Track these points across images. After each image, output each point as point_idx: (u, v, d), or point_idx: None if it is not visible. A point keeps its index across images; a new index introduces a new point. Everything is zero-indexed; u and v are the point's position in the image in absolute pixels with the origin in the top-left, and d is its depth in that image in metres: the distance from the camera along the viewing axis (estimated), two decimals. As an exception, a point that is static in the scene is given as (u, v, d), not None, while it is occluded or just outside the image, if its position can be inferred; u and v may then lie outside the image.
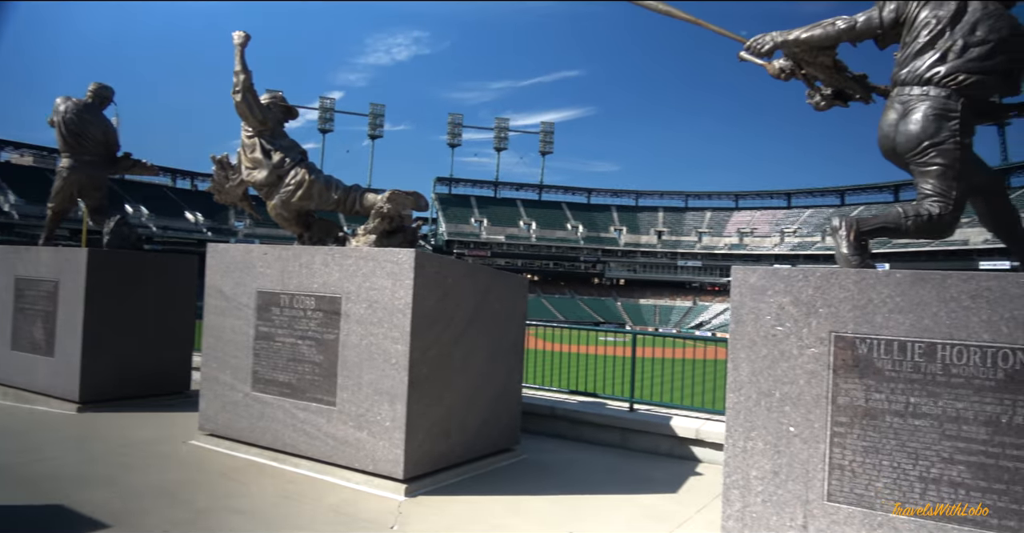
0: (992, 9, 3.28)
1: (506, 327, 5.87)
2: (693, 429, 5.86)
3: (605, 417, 6.42)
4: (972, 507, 3.00)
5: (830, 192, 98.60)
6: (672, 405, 6.66)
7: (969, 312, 3.03)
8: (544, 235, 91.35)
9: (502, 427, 5.83)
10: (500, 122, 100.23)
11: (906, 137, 3.35)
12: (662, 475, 5.38)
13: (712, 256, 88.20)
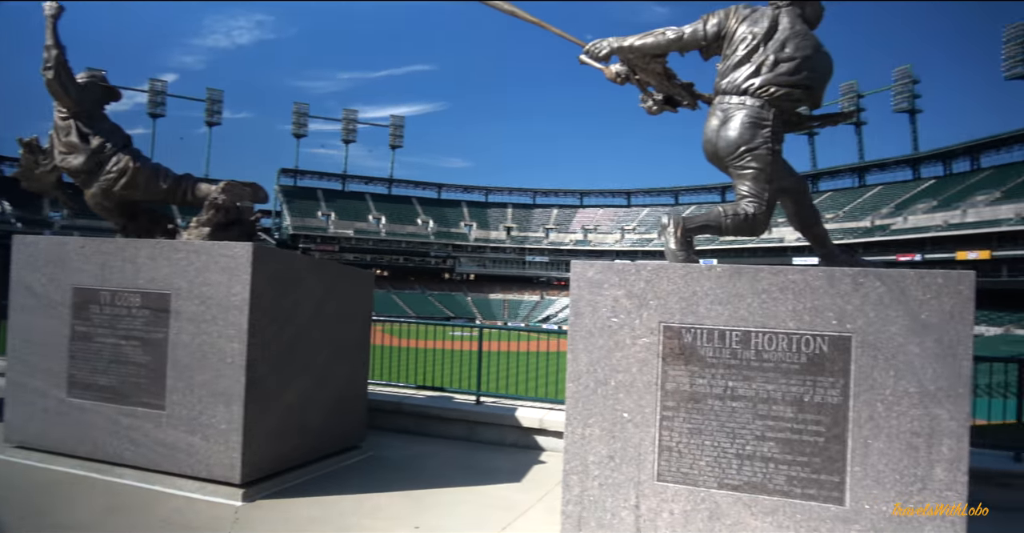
0: (799, 29, 3.63)
1: (351, 323, 5.77)
2: (537, 419, 6.05)
3: (452, 411, 6.48)
4: (778, 478, 3.32)
5: (666, 192, 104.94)
6: (518, 397, 6.83)
7: (778, 302, 3.35)
8: (394, 230, 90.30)
9: (348, 425, 5.72)
10: (348, 114, 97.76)
11: (726, 142, 3.64)
12: (507, 465, 5.51)
13: (559, 252, 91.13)
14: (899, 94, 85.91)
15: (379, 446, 5.95)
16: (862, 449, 3.22)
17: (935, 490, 3.13)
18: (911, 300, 3.17)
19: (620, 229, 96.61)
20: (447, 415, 6.46)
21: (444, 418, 6.47)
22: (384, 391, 7.05)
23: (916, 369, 3.16)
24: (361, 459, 5.60)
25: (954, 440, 3.12)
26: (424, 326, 8.55)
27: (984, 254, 60.61)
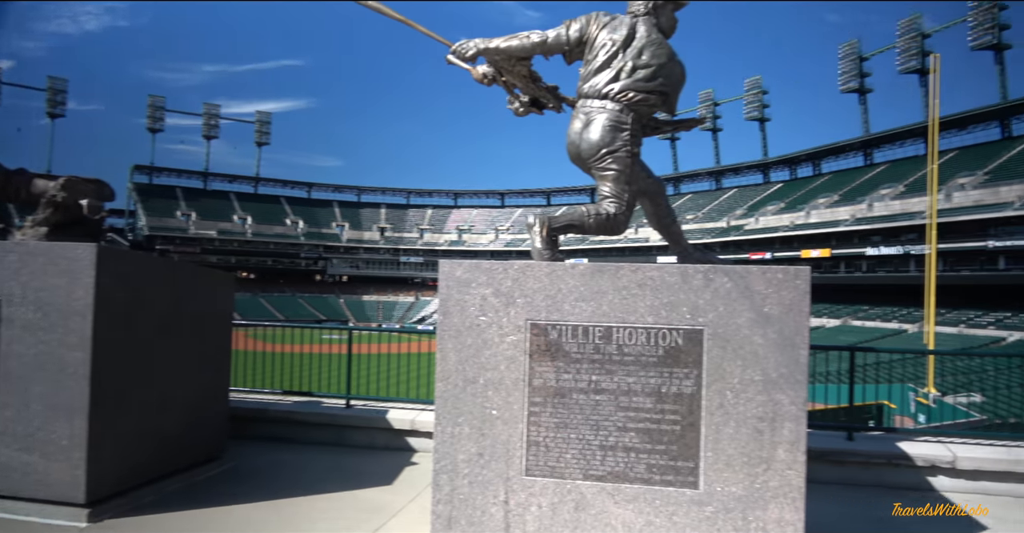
0: (655, 38, 3.81)
1: (209, 328, 5.49)
2: (409, 420, 6.00)
3: (320, 415, 6.31)
4: (639, 467, 3.48)
5: (538, 193, 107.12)
6: (389, 399, 6.75)
7: (637, 298, 3.50)
8: (261, 230, 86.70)
9: (208, 435, 5.44)
10: (210, 108, 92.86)
11: (588, 144, 3.77)
12: (378, 468, 5.43)
13: (433, 252, 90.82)
14: (750, 103, 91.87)
15: (243, 455, 5.70)
16: (714, 435, 3.43)
17: (778, 470, 3.38)
18: (755, 294, 3.41)
19: (494, 229, 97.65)
20: (315, 420, 6.29)
21: (312, 423, 6.29)
22: (249, 398, 6.76)
23: (760, 358, 3.40)
24: (223, 470, 5.34)
25: (794, 423, 3.38)
26: (293, 330, 8.28)
27: (825, 252, 66.04)
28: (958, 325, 50.35)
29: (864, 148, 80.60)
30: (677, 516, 3.43)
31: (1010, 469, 5.02)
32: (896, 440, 5.50)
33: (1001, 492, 5.02)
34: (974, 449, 5.26)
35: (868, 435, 5.77)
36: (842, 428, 5.66)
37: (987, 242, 52.48)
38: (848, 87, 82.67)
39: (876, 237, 61.94)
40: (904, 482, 5.14)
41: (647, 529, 3.46)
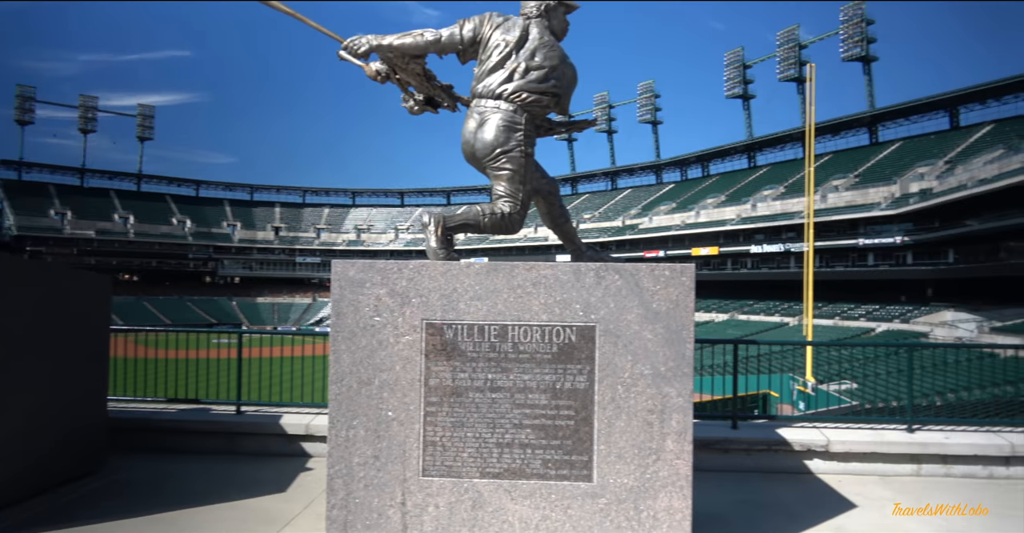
0: (547, 40, 3.87)
1: (82, 334, 5.15)
2: (303, 425, 5.85)
3: (209, 423, 6.05)
4: (535, 463, 3.53)
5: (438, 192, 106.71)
6: (283, 404, 6.55)
7: (531, 297, 3.55)
8: (145, 230, 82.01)
9: (83, 447, 5.11)
10: (87, 100, 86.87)
11: (483, 144, 3.79)
12: (271, 475, 5.26)
13: (331, 252, 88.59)
14: (643, 106, 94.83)
15: (124, 469, 5.38)
16: (606, 429, 3.52)
17: (667, 460, 3.52)
18: (644, 291, 3.53)
19: (394, 229, 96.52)
20: (204, 428, 6.02)
21: (200, 432, 6.01)
22: (132, 407, 6.40)
23: (650, 353, 3.52)
24: (100, 485, 5.03)
25: (681, 414, 3.53)
26: (181, 334, 7.88)
27: (713, 250, 69.10)
28: (834, 317, 53.81)
29: (748, 151, 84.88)
30: (572, 509, 3.51)
31: (875, 450, 5.42)
32: (776, 427, 5.82)
33: (868, 472, 5.41)
34: (845, 433, 5.64)
35: (752, 423, 6.08)
36: (727, 417, 5.93)
37: (858, 240, 56.38)
38: (733, 93, 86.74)
39: (759, 236, 65.32)
40: (783, 466, 5.45)
41: (543, 524, 3.51)
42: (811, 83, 36.21)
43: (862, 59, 73.85)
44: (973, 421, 6.26)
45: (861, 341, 45.09)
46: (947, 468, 5.39)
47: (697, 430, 3.96)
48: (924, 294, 52.73)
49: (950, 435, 5.61)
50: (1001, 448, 5.33)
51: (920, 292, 53.13)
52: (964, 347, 10.17)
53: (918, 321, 48.14)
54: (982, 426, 5.90)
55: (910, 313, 50.33)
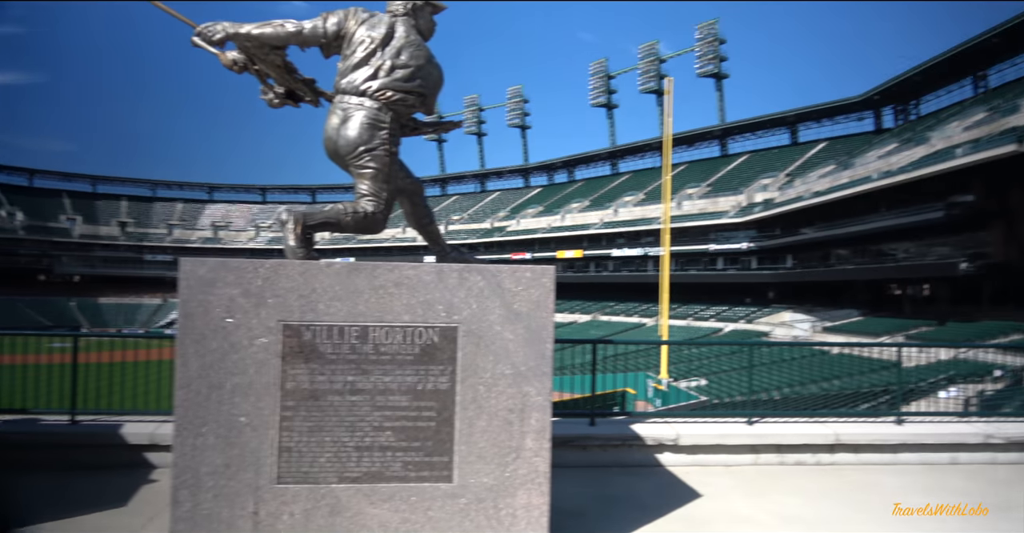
0: (413, 39, 3.84)
1: None
2: (147, 434, 5.47)
3: (39, 435, 5.53)
4: (395, 465, 3.49)
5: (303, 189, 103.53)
6: (124, 411, 6.09)
7: (393, 297, 3.51)
8: (-35, 223, 73.81)
9: None
10: None
11: (346, 141, 3.70)
12: (112, 488, 4.88)
13: (184, 250, 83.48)
14: (512, 111, 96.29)
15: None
16: (467, 429, 3.54)
17: (526, 458, 3.59)
18: (506, 292, 3.58)
19: (255, 226, 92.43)
20: (31, 440, 5.49)
21: (28, 444, 5.48)
22: (-58, 420, 5.74)
23: (511, 353, 3.57)
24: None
25: (541, 413, 3.61)
26: (7, 338, 7.14)
27: (578, 253, 71.32)
28: (687, 318, 56.96)
29: (611, 158, 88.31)
30: (432, 511, 3.50)
31: (720, 442, 5.78)
32: (631, 423, 6.07)
33: (714, 463, 5.76)
34: (693, 427, 5.98)
35: (610, 420, 6.32)
36: (586, 415, 6.13)
37: (708, 245, 60.10)
38: (598, 102, 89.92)
39: (621, 240, 68.09)
40: (638, 460, 5.70)
41: (403, 527, 3.48)
42: (669, 96, 38.22)
43: (715, 76, 78.78)
44: (804, 413, 6.83)
45: (709, 340, 48.10)
46: (781, 457, 5.84)
47: (557, 428, 4.07)
48: (766, 296, 57.00)
49: (784, 426, 6.08)
50: (827, 437, 5.84)
51: (763, 294, 57.37)
52: (798, 345, 11.07)
53: (761, 321, 51.93)
54: (811, 417, 6.44)
55: (754, 314, 54.19)
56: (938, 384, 20.43)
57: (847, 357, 29.77)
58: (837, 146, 63.98)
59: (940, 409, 14.27)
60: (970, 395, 18.08)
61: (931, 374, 21.89)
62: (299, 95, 4.14)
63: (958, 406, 15.34)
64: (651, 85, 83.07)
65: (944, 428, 6.18)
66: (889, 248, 44.58)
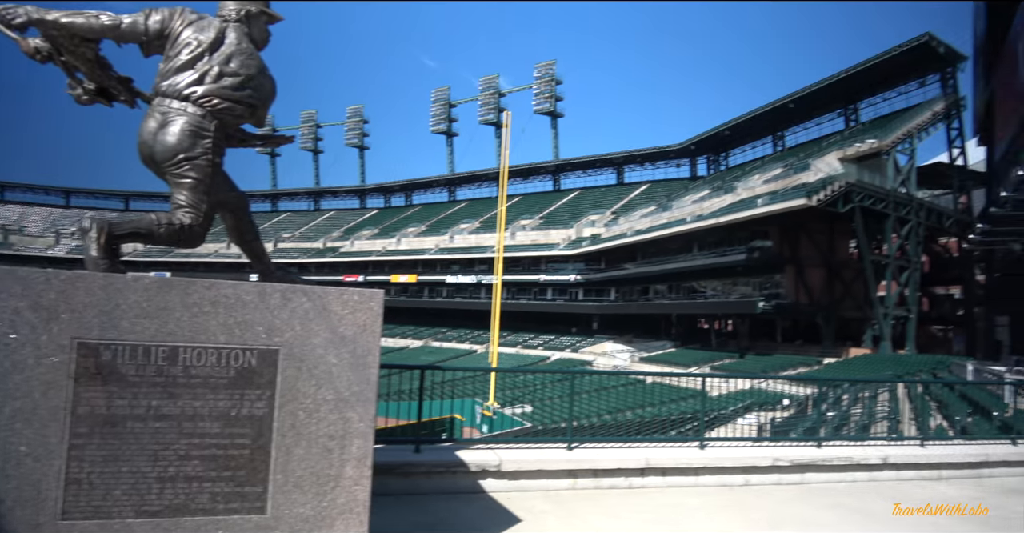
0: (245, 47, 3.68)
1: None
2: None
3: None
4: (202, 497, 3.25)
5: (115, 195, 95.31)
6: None
7: (209, 316, 3.30)
8: None
9: None
10: None
11: (163, 147, 3.46)
12: None
13: (-36, 257, 73.66)
14: (351, 130, 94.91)
15: None
16: (284, 457, 3.38)
17: (346, 487, 3.47)
18: (332, 315, 3.48)
19: (55, 233, 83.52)
20: None
21: None
22: None
23: (334, 378, 3.47)
24: None
25: (363, 440, 3.51)
26: None
27: (412, 277, 71.02)
28: (516, 346, 58.26)
29: (449, 185, 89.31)
30: (240, 545, 3.28)
31: (540, 467, 5.93)
32: (457, 450, 6.08)
33: (534, 488, 5.88)
34: (516, 453, 6.09)
35: (435, 447, 6.28)
36: (411, 441, 6.06)
37: (539, 276, 62.15)
38: (438, 129, 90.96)
39: (456, 266, 68.70)
40: (461, 487, 5.70)
41: (206, 563, 3.23)
42: (507, 129, 39.44)
43: (551, 114, 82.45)
44: (619, 438, 7.19)
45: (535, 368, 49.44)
46: (597, 481, 6.08)
47: (380, 455, 4.00)
48: (591, 327, 59.70)
49: (600, 452, 6.35)
50: (638, 461, 6.17)
51: (588, 325, 60.06)
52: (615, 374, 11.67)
53: (585, 350, 54.23)
54: (625, 443, 6.79)
55: (579, 343, 56.50)
56: (738, 411, 22.29)
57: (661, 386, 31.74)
58: (658, 189, 69.01)
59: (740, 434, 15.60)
60: (764, 421, 19.87)
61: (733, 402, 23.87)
62: (112, 93, 3.83)
63: (753, 432, 16.80)
64: (490, 117, 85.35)
65: (739, 452, 6.73)
66: (700, 285, 48.44)
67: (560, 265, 61.73)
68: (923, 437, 8.08)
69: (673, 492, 6.05)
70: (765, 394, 27.28)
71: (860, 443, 7.71)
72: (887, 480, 6.93)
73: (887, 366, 33.05)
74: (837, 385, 20.00)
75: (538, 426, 27.36)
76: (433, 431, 19.70)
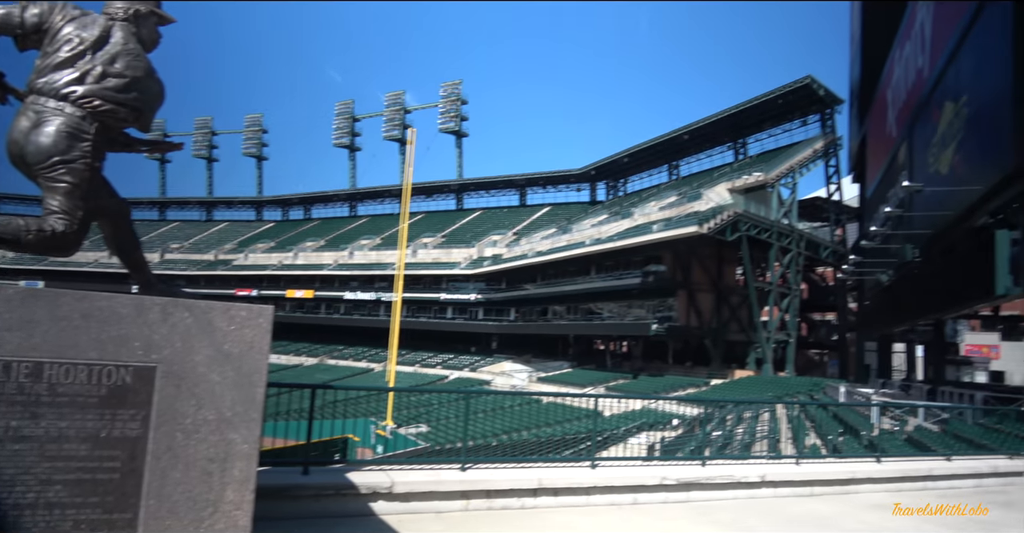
0: (132, 48, 3.50)
1: None
2: None
3: None
4: (64, 525, 3.01)
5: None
6: None
7: (79, 331, 3.08)
8: None
9: None
10: None
11: (36, 148, 3.23)
12: None
13: None
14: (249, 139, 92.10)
15: None
16: (159, 481, 3.18)
17: (226, 511, 3.30)
18: (216, 331, 3.32)
19: (-92, 238, 76.30)
20: None
21: None
22: None
23: (217, 397, 3.30)
24: None
25: (245, 462, 3.35)
26: None
27: (309, 293, 69.09)
28: (414, 365, 57.58)
29: (350, 200, 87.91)
30: (104, 577, 3.06)
31: (433, 489, 5.85)
32: (348, 471, 5.92)
33: (427, 510, 5.79)
34: (408, 474, 5.99)
35: (326, 469, 6.09)
36: (300, 463, 5.85)
37: (440, 294, 61.85)
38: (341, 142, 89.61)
39: (355, 283, 67.42)
40: (351, 510, 5.54)
41: (65, 598, 2.99)
42: (411, 146, 39.29)
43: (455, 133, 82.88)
44: (513, 459, 7.19)
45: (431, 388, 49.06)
46: (490, 502, 6.06)
47: (266, 478, 3.84)
48: (490, 346, 59.83)
49: (494, 472, 6.34)
50: (531, 481, 6.19)
51: (488, 344, 60.16)
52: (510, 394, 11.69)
53: (484, 370, 54.23)
54: (519, 463, 6.81)
55: (478, 363, 56.46)
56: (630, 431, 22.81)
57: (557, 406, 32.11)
58: (559, 211, 70.37)
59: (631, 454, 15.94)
60: (654, 441, 20.42)
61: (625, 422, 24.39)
62: (-19, 88, 3.54)
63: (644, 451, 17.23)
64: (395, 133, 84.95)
65: (628, 472, 6.88)
66: (597, 307, 49.53)
67: (461, 284, 61.68)
68: (798, 456, 8.52)
69: (565, 512, 6.10)
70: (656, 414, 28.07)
71: (742, 462, 8.04)
72: (765, 497, 7.25)
73: (769, 387, 34.80)
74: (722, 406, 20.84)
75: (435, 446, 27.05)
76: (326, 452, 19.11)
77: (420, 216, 78.14)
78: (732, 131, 55.07)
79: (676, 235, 38.20)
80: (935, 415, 16.24)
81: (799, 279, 45.76)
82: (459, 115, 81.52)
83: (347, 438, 23.19)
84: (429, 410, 38.79)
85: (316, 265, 70.26)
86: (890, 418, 17.20)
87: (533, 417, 30.73)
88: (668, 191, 54.35)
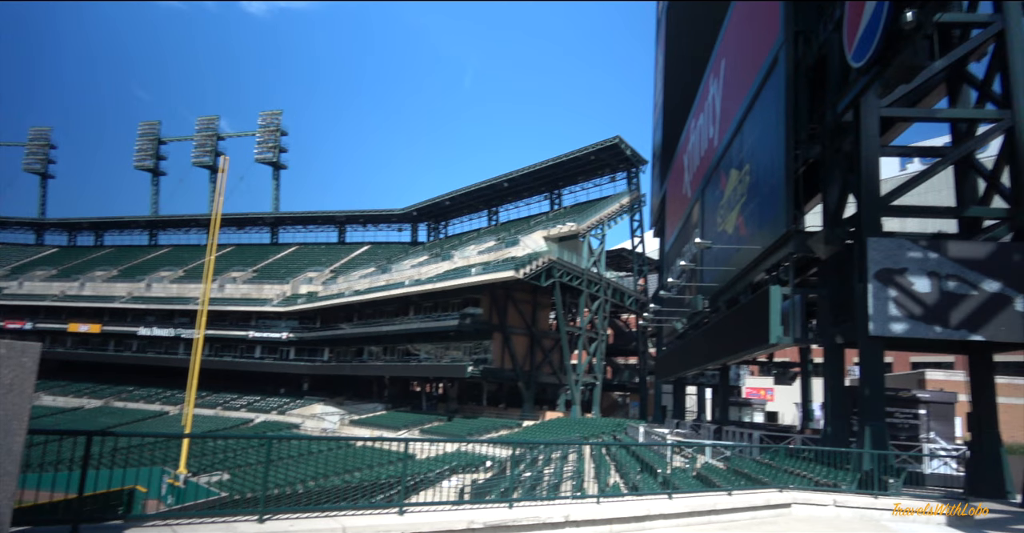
0: None
1: None
2: None
3: None
4: None
5: None
6: None
7: None
8: None
9: None
10: None
11: None
12: None
13: None
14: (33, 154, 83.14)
15: None
16: None
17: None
18: (-31, 371, 2.90)
19: None
20: None
21: None
22: None
23: (-38, 448, 2.86)
24: None
25: (-6, 523, 2.92)
26: None
27: (95, 327, 62.60)
28: (216, 407, 53.63)
29: (151, 228, 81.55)
30: None
31: (226, 543, 5.41)
32: (127, 528, 5.33)
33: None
34: (197, 529, 5.50)
35: (101, 525, 5.43)
36: (67, 521, 5.17)
37: (248, 332, 58.50)
38: (143, 165, 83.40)
39: (151, 317, 62.15)
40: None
41: None
42: (223, 174, 37.22)
43: (273, 164, 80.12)
44: (316, 507, 6.84)
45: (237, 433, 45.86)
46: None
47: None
48: (301, 388, 57.21)
49: (295, 523, 5.99)
50: (334, 531, 5.91)
51: (298, 385, 57.49)
52: (318, 439, 11.24)
53: (293, 413, 51.62)
54: (323, 511, 6.49)
55: (287, 405, 53.69)
56: (443, 474, 22.64)
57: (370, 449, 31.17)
58: (379, 250, 69.73)
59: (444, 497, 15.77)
60: (466, 484, 20.40)
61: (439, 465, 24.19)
62: None
63: (456, 495, 17.13)
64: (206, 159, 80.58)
65: (437, 517, 6.80)
66: (415, 348, 49.24)
67: (272, 322, 58.76)
68: (600, 495, 8.88)
69: (369, 562, 5.87)
70: (469, 456, 28.13)
71: (547, 503, 8.23)
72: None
73: (577, 428, 36.18)
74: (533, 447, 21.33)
75: (234, 495, 25.14)
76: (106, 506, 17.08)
77: (230, 248, 73.92)
78: (549, 182, 57.97)
79: (494, 279, 39.15)
80: (720, 453, 17.68)
81: (606, 325, 48.51)
82: (278, 146, 78.91)
83: (133, 489, 20.98)
84: (229, 456, 36.11)
85: (106, 296, 63.85)
86: (682, 456, 18.45)
87: (343, 462, 29.61)
88: (487, 236, 55.80)
